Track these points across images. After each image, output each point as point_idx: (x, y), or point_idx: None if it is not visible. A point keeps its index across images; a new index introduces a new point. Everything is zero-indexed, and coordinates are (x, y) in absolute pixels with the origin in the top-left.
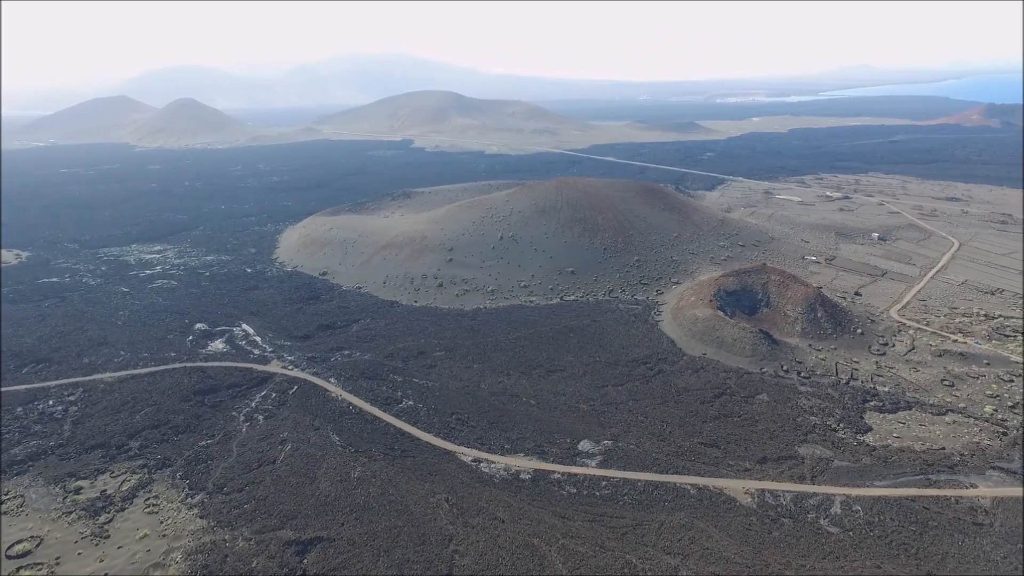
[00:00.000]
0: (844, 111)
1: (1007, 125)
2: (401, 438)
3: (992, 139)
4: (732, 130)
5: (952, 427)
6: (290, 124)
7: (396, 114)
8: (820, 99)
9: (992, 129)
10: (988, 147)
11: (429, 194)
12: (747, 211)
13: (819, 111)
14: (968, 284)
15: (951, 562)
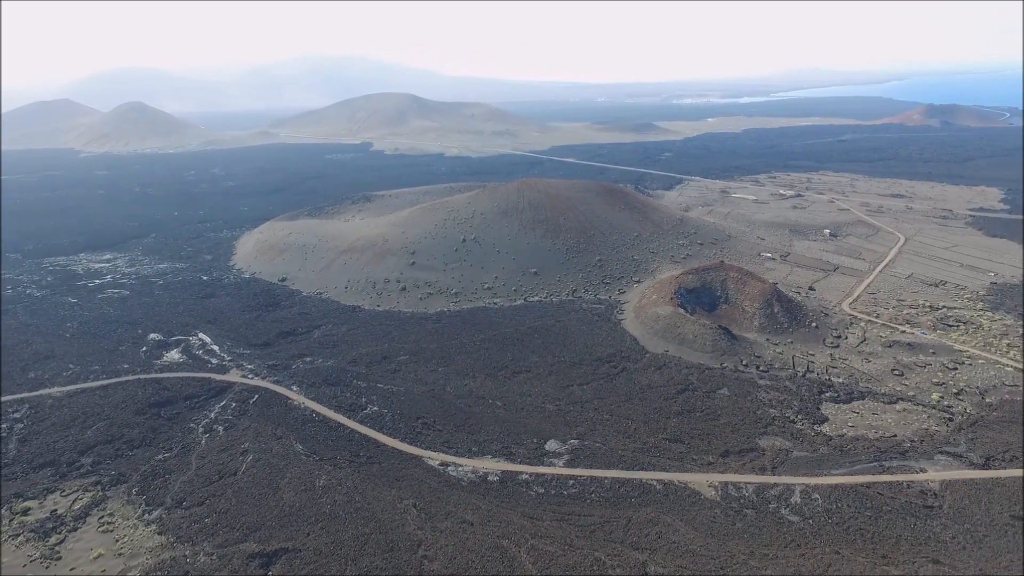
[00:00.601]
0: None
1: (945, 124)
2: (366, 444)
3: (932, 138)
4: (688, 131)
5: (902, 415)
6: (245, 127)
7: (355, 117)
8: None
9: (932, 128)
10: (929, 146)
11: (390, 197)
12: (705, 210)
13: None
14: (914, 277)
15: (904, 545)
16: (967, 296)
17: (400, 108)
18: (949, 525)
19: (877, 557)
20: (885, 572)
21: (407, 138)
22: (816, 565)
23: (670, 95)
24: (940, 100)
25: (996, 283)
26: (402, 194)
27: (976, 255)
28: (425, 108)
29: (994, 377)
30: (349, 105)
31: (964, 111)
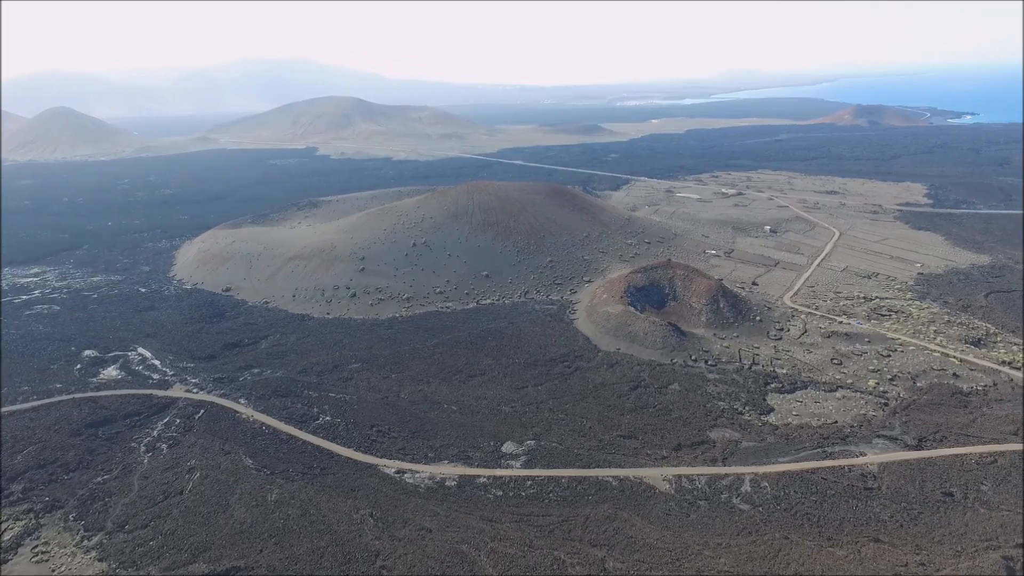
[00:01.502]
0: (734, 112)
1: (873, 124)
2: (320, 455)
3: (862, 137)
4: (633, 132)
5: (842, 402)
6: (182, 133)
7: (298, 121)
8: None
9: (861, 128)
10: (859, 144)
11: (337, 202)
12: (651, 209)
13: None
14: (848, 270)
15: (847, 526)
16: (897, 287)
17: (345, 112)
18: (888, 505)
19: (823, 539)
20: (831, 553)
21: (353, 142)
22: (767, 551)
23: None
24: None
25: (923, 273)
26: (349, 199)
27: (904, 247)
28: (371, 112)
29: (923, 362)
30: (292, 109)
31: (889, 111)
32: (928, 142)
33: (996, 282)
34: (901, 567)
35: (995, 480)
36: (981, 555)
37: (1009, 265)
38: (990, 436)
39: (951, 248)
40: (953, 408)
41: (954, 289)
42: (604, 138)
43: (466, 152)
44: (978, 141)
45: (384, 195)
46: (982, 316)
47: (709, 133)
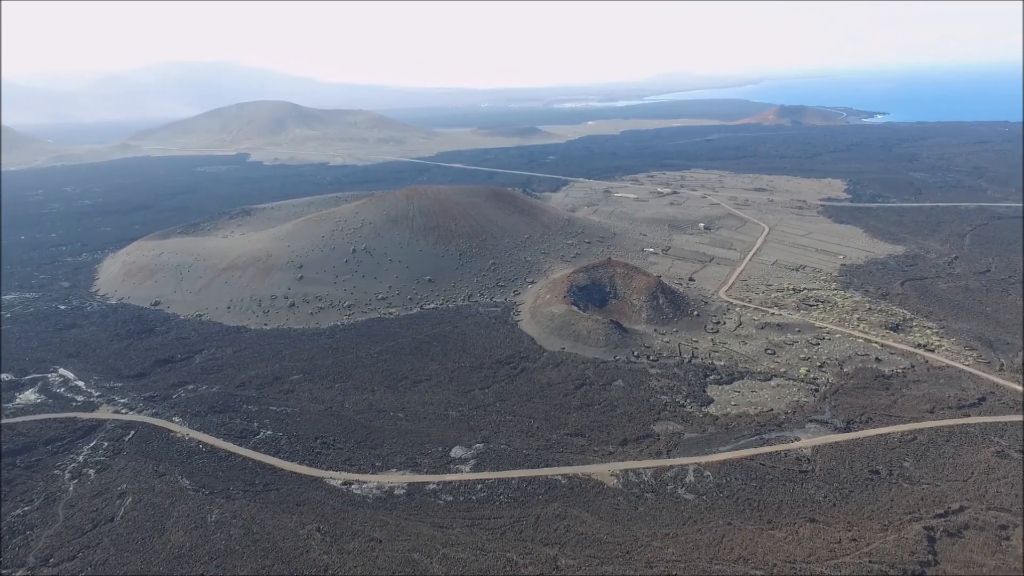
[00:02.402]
0: (666, 113)
1: (795, 123)
2: (262, 471)
3: (786, 136)
4: (570, 134)
5: (777, 390)
6: (101, 140)
7: (227, 127)
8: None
9: (784, 127)
10: (783, 143)
11: (272, 210)
12: (590, 210)
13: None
14: (778, 263)
15: (785, 509)
16: (823, 278)
17: (278, 116)
18: (821, 486)
19: (763, 523)
20: (771, 536)
21: (287, 148)
22: (711, 538)
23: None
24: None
25: (845, 265)
26: (285, 206)
27: (827, 240)
28: (305, 116)
29: (849, 349)
30: (221, 114)
31: (810, 111)
32: (845, 140)
33: (911, 271)
34: (835, 544)
35: (915, 456)
36: (906, 527)
37: (921, 255)
38: (910, 415)
39: (870, 240)
40: (876, 391)
41: (874, 278)
42: (542, 140)
43: (404, 156)
44: (889, 139)
45: (321, 201)
46: (899, 303)
47: (643, 134)
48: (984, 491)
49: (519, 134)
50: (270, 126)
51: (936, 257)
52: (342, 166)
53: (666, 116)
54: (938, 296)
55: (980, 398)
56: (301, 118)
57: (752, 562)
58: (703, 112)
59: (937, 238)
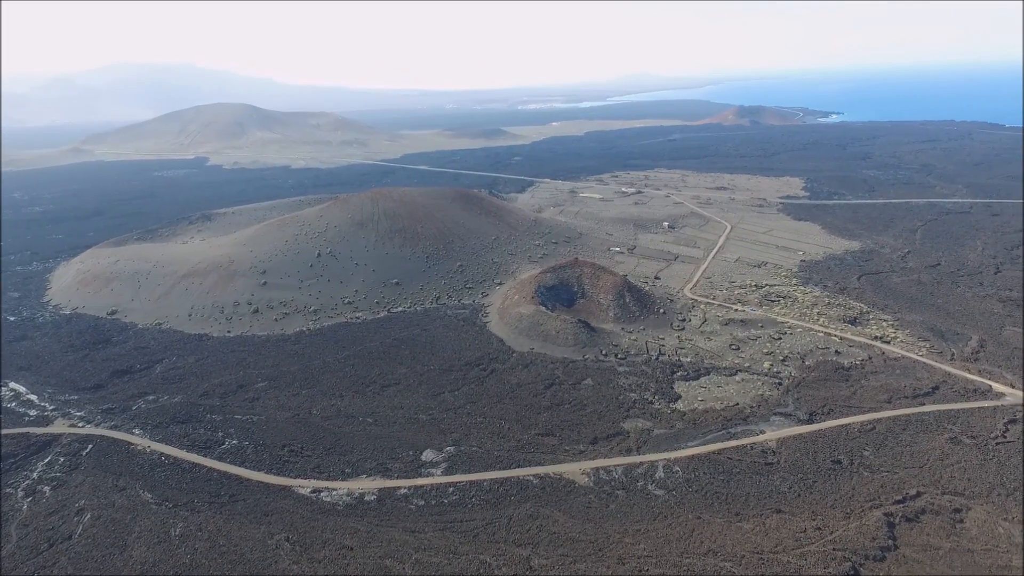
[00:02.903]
0: (629, 114)
1: (754, 123)
2: (228, 482)
3: (745, 136)
4: (535, 135)
5: (742, 384)
6: (52, 145)
7: (185, 130)
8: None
9: (744, 127)
10: (743, 143)
11: (233, 215)
12: (556, 210)
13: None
14: (740, 260)
15: (752, 501)
16: (783, 274)
17: (238, 119)
18: (786, 477)
19: (731, 515)
20: (739, 528)
21: (248, 151)
22: (681, 532)
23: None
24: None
25: (805, 260)
26: (246, 211)
27: (787, 237)
28: (266, 119)
29: (810, 342)
30: (178, 117)
31: (768, 111)
32: (802, 139)
33: (867, 265)
34: (801, 533)
35: (875, 445)
36: (867, 514)
37: (876, 250)
38: (868, 406)
39: (827, 236)
40: (837, 382)
41: (832, 274)
42: (507, 141)
43: (368, 158)
44: (843, 138)
45: (284, 205)
46: (856, 297)
47: (607, 134)
48: (939, 477)
49: (484, 135)
50: (230, 129)
51: (890, 252)
52: (305, 169)
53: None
54: (893, 289)
55: (934, 387)
56: (262, 121)
57: (721, 554)
58: (665, 113)
59: (890, 233)
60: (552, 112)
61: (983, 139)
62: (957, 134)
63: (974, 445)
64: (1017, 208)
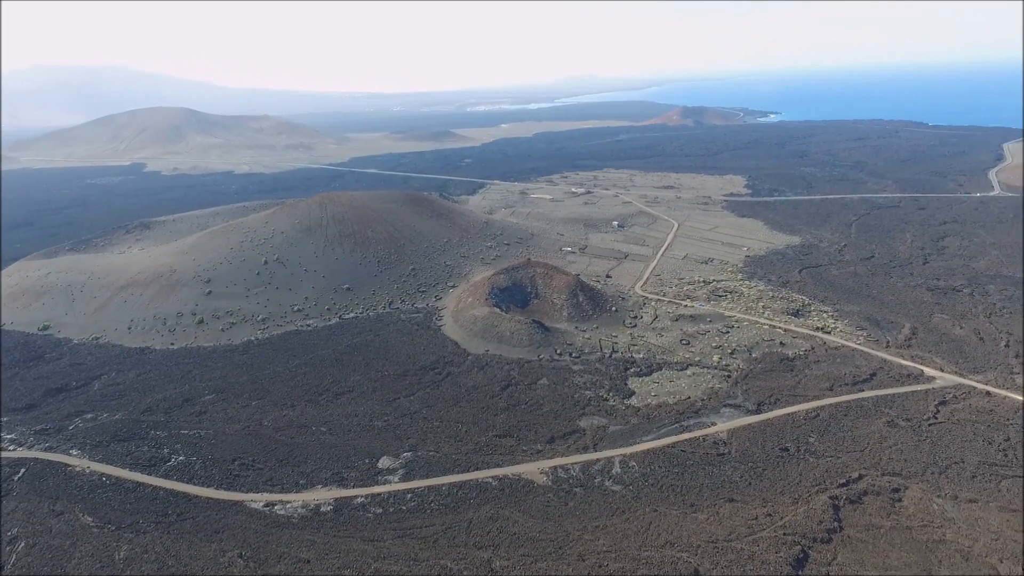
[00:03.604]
0: (577, 115)
1: (697, 123)
2: (175, 500)
3: (689, 135)
4: (484, 137)
5: (693, 378)
6: None
7: (119, 135)
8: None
9: (688, 127)
10: (688, 142)
11: (174, 222)
12: (508, 211)
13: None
14: (688, 257)
15: (706, 491)
16: (730, 269)
17: (175, 124)
18: (737, 466)
19: (687, 507)
20: (694, 518)
21: (187, 156)
22: (639, 526)
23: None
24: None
25: (749, 256)
26: (188, 218)
27: (732, 233)
28: (206, 123)
29: (756, 335)
30: (111, 122)
31: (710, 111)
32: (743, 139)
33: (807, 259)
34: (753, 520)
35: (819, 431)
36: (813, 498)
37: (815, 244)
38: (812, 394)
39: (769, 232)
40: (782, 373)
41: (775, 268)
42: (457, 143)
43: (315, 163)
44: (782, 137)
45: (228, 211)
46: (798, 290)
47: (556, 136)
48: (879, 459)
49: (433, 138)
50: (168, 134)
51: (828, 245)
52: (249, 174)
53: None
54: (831, 282)
55: (871, 374)
56: (202, 125)
57: (678, 545)
58: (612, 114)
59: (828, 228)
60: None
61: (908, 137)
62: (885, 132)
63: (909, 427)
64: (940, 201)
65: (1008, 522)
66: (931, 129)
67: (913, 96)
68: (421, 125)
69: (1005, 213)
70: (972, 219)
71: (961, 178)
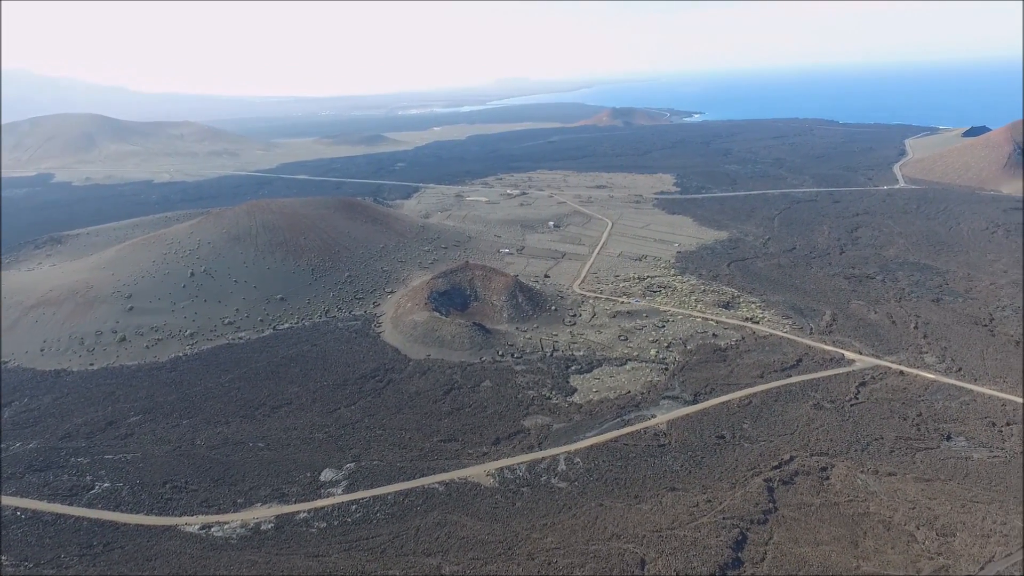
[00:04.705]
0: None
1: (627, 124)
2: (101, 530)
3: (619, 136)
4: (417, 140)
5: (632, 373)
6: None
7: (22, 144)
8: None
9: (618, 128)
10: (618, 142)
11: (88, 236)
12: (444, 215)
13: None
14: (623, 255)
15: (649, 482)
16: (663, 265)
17: (86, 131)
18: (678, 456)
19: (631, 499)
20: (638, 510)
21: (101, 165)
22: (586, 520)
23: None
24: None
25: (680, 251)
26: (104, 231)
27: (663, 230)
28: (121, 130)
29: (690, 328)
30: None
31: (638, 112)
32: (671, 138)
33: (734, 253)
34: (694, 507)
35: (752, 418)
36: (749, 482)
37: (741, 238)
38: (744, 382)
39: (699, 228)
40: (716, 363)
41: (705, 262)
42: (389, 147)
43: (241, 169)
44: (706, 136)
45: (149, 222)
46: (727, 283)
47: (489, 138)
48: (807, 440)
49: (365, 142)
50: (78, 142)
51: (753, 239)
52: (170, 183)
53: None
54: (758, 274)
55: (798, 360)
56: (116, 132)
57: (624, 537)
58: (543, 115)
59: (753, 222)
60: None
61: (822, 134)
62: (801, 130)
63: (833, 408)
64: (853, 195)
65: (923, 491)
66: (841, 127)
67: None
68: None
69: (910, 204)
70: (881, 210)
71: (870, 172)
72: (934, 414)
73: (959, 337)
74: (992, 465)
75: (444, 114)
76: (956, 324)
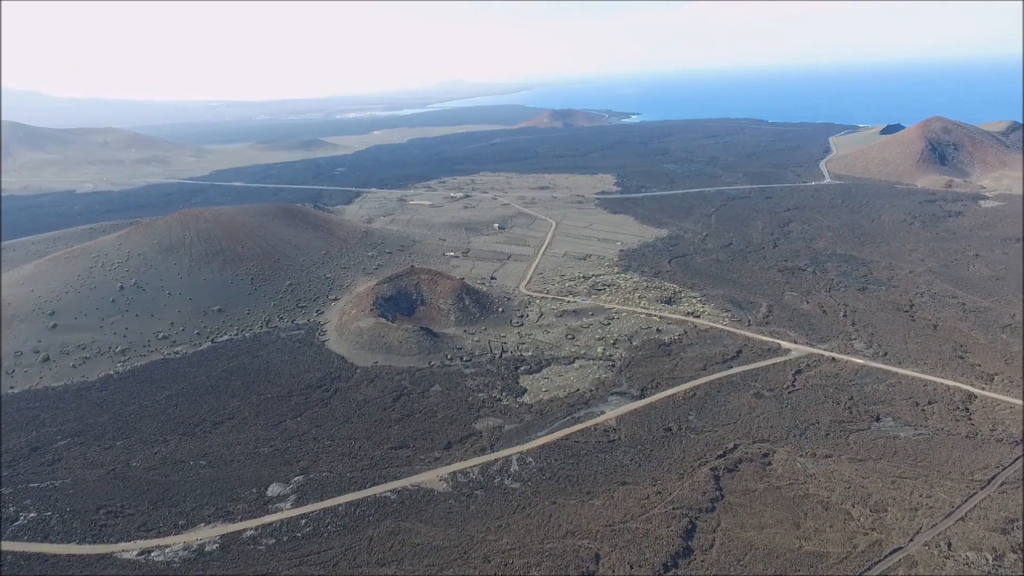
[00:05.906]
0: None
1: (567, 125)
2: (27, 563)
3: (560, 137)
4: (357, 144)
5: (580, 371)
6: None
7: None
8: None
9: (558, 129)
10: (559, 143)
11: (3, 251)
12: (387, 219)
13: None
14: (568, 254)
15: (600, 478)
16: (606, 264)
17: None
18: (627, 451)
19: (583, 495)
20: (591, 505)
21: (16, 176)
22: (540, 519)
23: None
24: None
25: (623, 250)
26: (21, 245)
27: (606, 229)
28: (37, 137)
29: (635, 324)
30: None
31: (578, 113)
32: (610, 139)
33: (674, 250)
34: (645, 500)
35: (697, 409)
36: (696, 472)
37: (680, 235)
38: (688, 375)
39: (640, 226)
40: (661, 358)
41: (647, 260)
42: (328, 152)
43: (172, 177)
44: (644, 136)
45: (71, 235)
46: (669, 279)
47: (430, 141)
48: (749, 428)
49: (303, 147)
50: None
51: (692, 236)
52: (94, 193)
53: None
54: (697, 269)
55: (738, 351)
56: (31, 139)
57: (578, 533)
58: (484, 118)
59: (691, 220)
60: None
61: (752, 133)
62: (733, 129)
63: (772, 396)
64: (783, 191)
65: (856, 471)
66: (771, 126)
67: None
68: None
69: (836, 199)
70: (810, 205)
71: (799, 169)
72: (864, 397)
73: (884, 323)
74: (917, 443)
75: (384, 117)
76: (881, 311)
